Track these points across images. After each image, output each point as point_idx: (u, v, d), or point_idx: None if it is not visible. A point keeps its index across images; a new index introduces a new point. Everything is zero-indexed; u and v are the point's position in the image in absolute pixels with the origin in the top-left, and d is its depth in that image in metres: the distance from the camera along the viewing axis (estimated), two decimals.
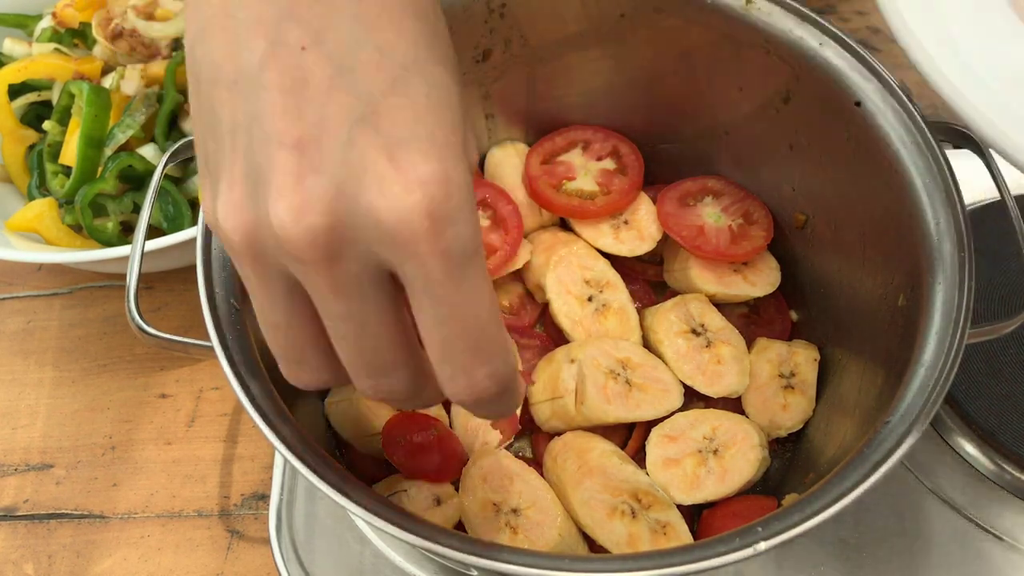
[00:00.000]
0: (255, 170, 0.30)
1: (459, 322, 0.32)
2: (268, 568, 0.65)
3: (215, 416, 0.72)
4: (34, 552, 0.66)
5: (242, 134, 0.30)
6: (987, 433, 0.61)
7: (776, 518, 0.42)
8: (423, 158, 0.30)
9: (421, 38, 0.31)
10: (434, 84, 0.31)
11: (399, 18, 0.31)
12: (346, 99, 0.29)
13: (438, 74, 0.31)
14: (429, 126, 0.30)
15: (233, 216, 0.31)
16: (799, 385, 0.60)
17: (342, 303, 0.32)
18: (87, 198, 0.72)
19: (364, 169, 0.29)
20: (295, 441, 0.44)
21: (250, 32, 0.30)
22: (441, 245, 0.30)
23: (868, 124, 0.54)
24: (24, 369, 0.75)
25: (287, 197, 0.29)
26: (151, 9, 0.79)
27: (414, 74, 0.31)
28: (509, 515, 0.54)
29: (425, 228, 0.29)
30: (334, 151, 0.29)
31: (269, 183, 0.30)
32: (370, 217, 0.30)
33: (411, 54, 0.31)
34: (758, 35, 0.57)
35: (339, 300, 0.32)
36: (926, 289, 0.49)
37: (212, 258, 0.49)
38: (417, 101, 0.30)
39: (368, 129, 0.29)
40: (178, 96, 0.76)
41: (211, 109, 0.31)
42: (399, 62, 0.30)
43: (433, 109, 0.31)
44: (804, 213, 0.63)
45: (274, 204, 0.30)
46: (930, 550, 0.59)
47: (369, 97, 0.30)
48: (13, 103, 0.78)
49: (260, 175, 0.30)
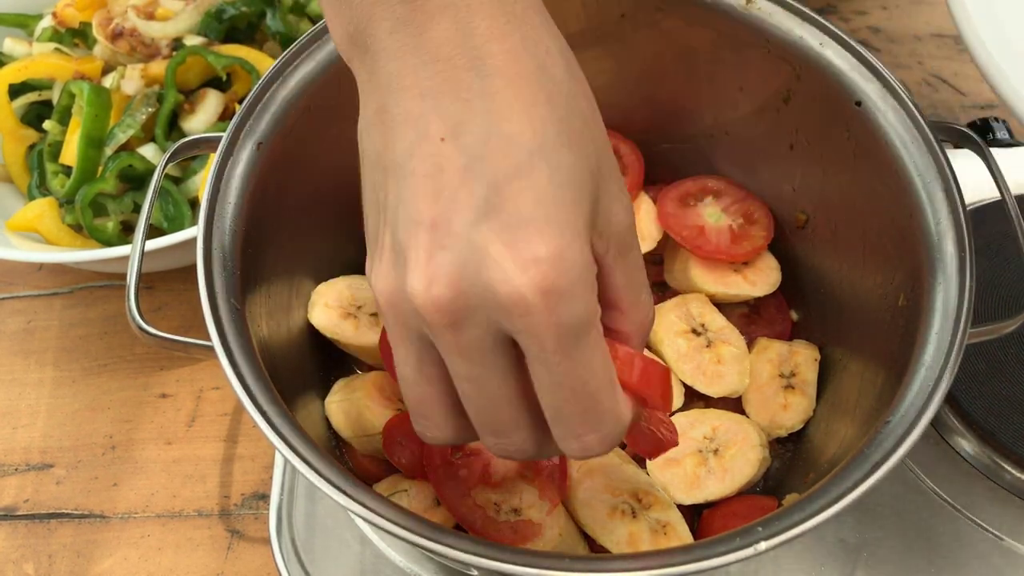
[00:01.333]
0: (399, 244, 0.35)
1: (570, 390, 0.35)
2: (268, 568, 0.65)
3: (215, 416, 0.72)
4: (34, 552, 0.66)
5: (391, 212, 0.35)
6: (987, 433, 0.61)
7: (777, 518, 0.41)
8: (539, 238, 0.33)
9: (549, 123, 0.34)
10: (557, 167, 0.34)
11: (528, 106, 0.34)
12: (475, 185, 0.33)
13: (563, 156, 0.34)
14: (548, 208, 0.33)
15: (381, 282, 0.36)
16: (799, 385, 0.60)
17: (466, 364, 0.36)
18: (87, 198, 0.72)
19: (486, 248, 0.33)
20: (295, 441, 0.44)
21: (401, 125, 0.35)
22: (553, 319, 0.33)
23: (869, 124, 0.54)
24: (24, 369, 0.75)
25: (419, 269, 0.34)
26: (151, 9, 0.79)
27: (538, 159, 0.34)
28: (509, 515, 0.54)
29: (538, 304, 0.33)
30: (462, 231, 0.33)
31: (408, 256, 0.34)
32: (489, 292, 0.33)
33: (537, 140, 0.34)
34: (759, 35, 0.57)
35: (463, 361, 0.36)
36: (927, 289, 0.49)
37: (212, 258, 0.49)
38: (539, 184, 0.33)
39: (493, 212, 0.33)
40: (178, 96, 0.76)
41: (373, 189, 0.37)
42: (525, 149, 0.34)
43: (554, 191, 0.34)
44: (804, 213, 0.63)
45: (410, 275, 0.34)
46: (930, 550, 0.59)
47: (495, 183, 0.33)
48: (13, 103, 0.78)
49: (402, 249, 0.35)
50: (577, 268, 0.34)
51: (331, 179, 0.62)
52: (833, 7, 0.97)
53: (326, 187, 0.61)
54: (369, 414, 0.57)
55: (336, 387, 0.61)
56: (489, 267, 0.33)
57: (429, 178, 0.34)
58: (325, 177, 0.61)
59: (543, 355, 0.34)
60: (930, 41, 0.94)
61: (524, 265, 0.33)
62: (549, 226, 0.33)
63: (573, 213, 0.34)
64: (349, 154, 0.63)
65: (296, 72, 0.55)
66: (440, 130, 0.34)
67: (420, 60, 0.34)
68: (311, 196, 0.60)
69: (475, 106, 0.34)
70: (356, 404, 0.58)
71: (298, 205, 0.58)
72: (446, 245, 0.33)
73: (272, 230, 0.55)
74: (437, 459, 0.53)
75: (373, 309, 0.61)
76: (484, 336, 0.35)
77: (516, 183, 0.33)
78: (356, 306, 0.61)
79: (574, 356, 0.34)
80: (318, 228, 0.62)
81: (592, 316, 0.35)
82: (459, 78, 0.34)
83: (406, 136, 0.34)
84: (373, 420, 0.57)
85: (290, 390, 0.52)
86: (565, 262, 0.33)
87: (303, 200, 0.59)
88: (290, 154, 0.56)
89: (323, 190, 0.61)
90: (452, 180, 0.33)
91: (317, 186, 0.60)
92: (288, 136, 0.55)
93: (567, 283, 0.33)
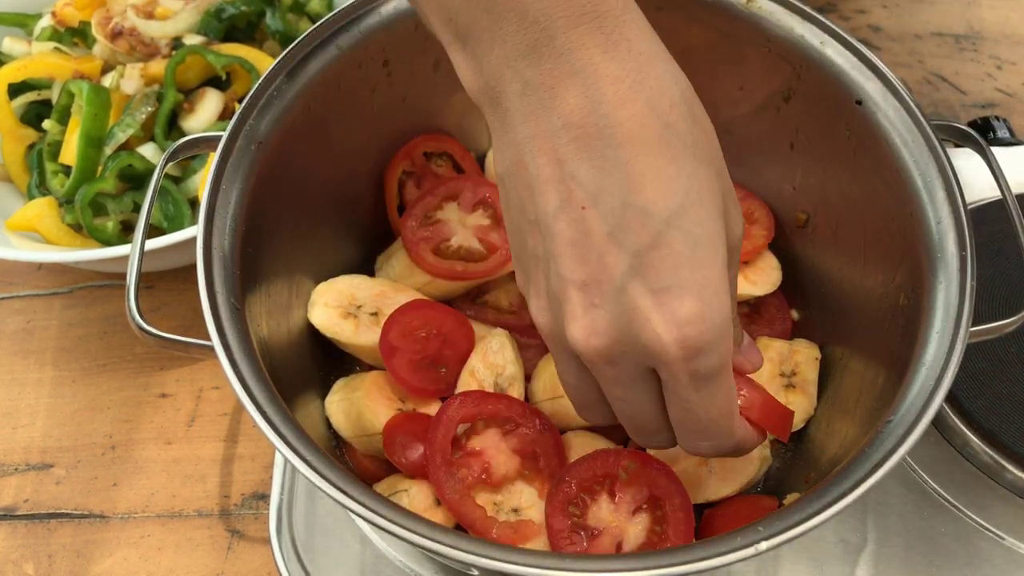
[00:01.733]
0: (553, 293, 0.40)
1: (693, 417, 0.42)
2: (268, 568, 0.65)
3: (215, 416, 0.72)
4: (34, 552, 0.66)
5: (542, 263, 0.40)
6: (988, 432, 0.61)
7: (777, 518, 0.42)
8: (680, 302, 0.38)
9: (678, 183, 0.38)
10: (690, 231, 0.38)
11: (659, 172, 0.37)
12: (619, 254, 0.38)
13: (694, 215, 0.38)
14: (687, 272, 0.38)
15: (540, 316, 0.42)
16: (800, 384, 0.60)
17: (618, 389, 0.42)
18: (87, 197, 0.72)
19: (635, 310, 0.38)
20: (295, 441, 0.44)
21: (543, 186, 0.39)
22: (690, 368, 0.39)
23: (869, 123, 0.54)
24: (24, 369, 0.75)
25: (577, 321, 0.40)
26: (151, 8, 0.78)
27: (674, 228, 0.37)
28: (509, 515, 0.54)
29: (679, 356, 0.38)
30: (611, 293, 0.38)
31: (564, 308, 0.40)
32: (639, 343, 0.39)
33: (672, 207, 0.37)
34: (759, 34, 0.57)
35: (615, 387, 0.42)
36: (927, 288, 0.49)
37: (212, 258, 0.49)
38: (677, 251, 0.38)
39: (637, 277, 0.38)
40: (178, 95, 0.76)
41: (519, 230, 0.42)
42: (662, 218, 0.37)
43: (691, 253, 0.38)
44: (805, 212, 0.63)
45: (569, 325, 0.40)
46: (930, 550, 0.59)
47: (637, 252, 0.38)
48: (13, 102, 0.78)
49: (557, 299, 0.40)
50: (716, 327, 0.38)
51: (331, 179, 0.62)
52: (833, 6, 0.97)
53: (326, 186, 0.61)
54: (369, 414, 0.57)
55: (336, 387, 0.61)
56: (640, 324, 0.38)
57: (575, 244, 0.38)
58: (325, 176, 0.61)
59: (676, 389, 0.40)
60: (931, 40, 0.94)
61: (668, 327, 0.38)
62: (690, 290, 0.38)
63: (711, 269, 0.38)
64: (349, 154, 0.63)
65: (296, 72, 0.55)
66: (581, 199, 0.38)
67: (552, 127, 0.38)
68: (311, 196, 0.60)
69: (610, 175, 0.37)
70: (356, 404, 0.58)
71: (298, 205, 0.58)
72: (598, 304, 0.39)
73: (272, 230, 0.55)
74: (437, 459, 0.53)
75: (373, 309, 0.61)
76: (633, 370, 0.41)
77: (655, 253, 0.37)
78: (356, 306, 0.61)
79: (702, 394, 0.40)
80: (318, 228, 0.62)
81: (725, 361, 0.40)
82: (592, 147, 0.37)
83: (549, 199, 0.39)
84: (373, 420, 0.57)
85: (290, 390, 0.52)
86: (705, 322, 0.38)
87: (303, 200, 0.59)
88: (290, 154, 0.56)
89: (323, 190, 0.61)
90: (597, 246, 0.38)
91: (317, 186, 0.60)
92: (288, 136, 0.55)
93: (707, 341, 0.38)
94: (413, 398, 0.59)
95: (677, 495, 0.52)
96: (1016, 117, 0.87)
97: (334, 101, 0.58)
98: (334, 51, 0.56)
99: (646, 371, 0.41)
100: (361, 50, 0.58)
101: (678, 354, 0.38)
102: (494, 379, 0.59)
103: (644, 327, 0.38)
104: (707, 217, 0.39)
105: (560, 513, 0.53)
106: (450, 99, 0.66)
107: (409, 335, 0.59)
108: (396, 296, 0.61)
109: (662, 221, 0.37)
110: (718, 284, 0.39)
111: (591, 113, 0.37)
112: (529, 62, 0.37)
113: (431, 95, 0.64)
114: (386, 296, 0.61)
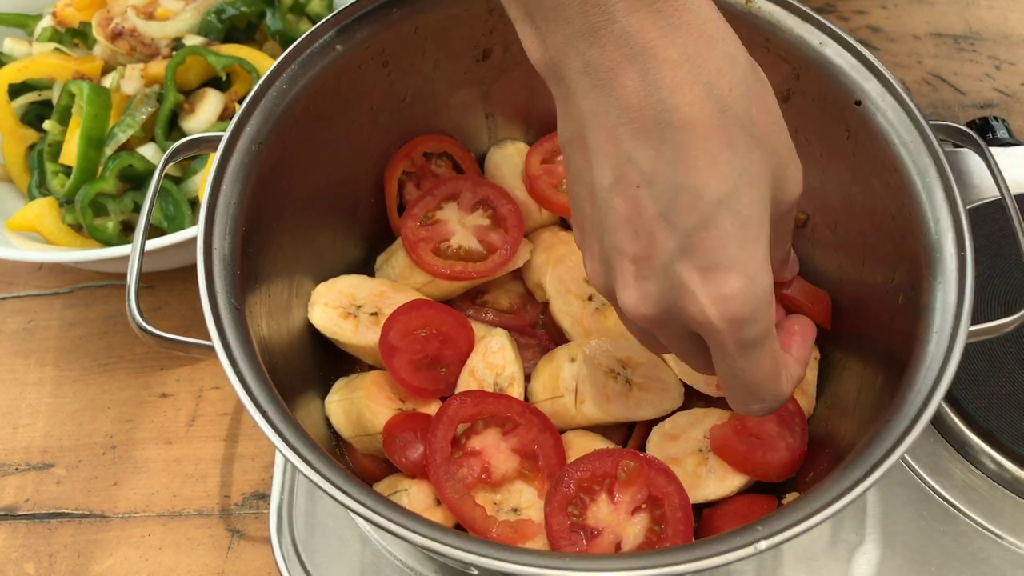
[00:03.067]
0: (606, 259, 0.43)
1: (739, 381, 0.43)
2: (269, 567, 0.65)
3: (215, 415, 0.72)
4: (35, 551, 0.66)
5: (597, 229, 0.43)
6: (987, 432, 0.61)
7: (777, 517, 0.42)
8: (727, 279, 0.39)
9: (731, 168, 0.38)
10: (739, 212, 0.39)
11: (713, 157, 0.38)
12: (669, 232, 0.39)
13: (745, 196, 0.39)
14: (733, 250, 0.39)
15: (594, 276, 0.45)
16: (800, 384, 0.60)
17: (667, 340, 0.44)
18: (87, 198, 0.73)
19: (682, 286, 0.40)
20: (295, 441, 0.44)
21: (601, 159, 0.40)
22: (735, 338, 0.40)
23: (868, 123, 0.54)
24: (25, 368, 0.75)
25: (628, 291, 0.42)
26: (151, 8, 0.79)
27: (724, 208, 0.38)
28: (509, 514, 0.54)
29: (724, 328, 0.40)
30: (660, 268, 0.40)
31: (615, 276, 0.42)
32: (685, 314, 0.41)
33: (724, 189, 0.38)
34: (758, 34, 0.57)
35: (667, 340, 0.45)
36: (926, 288, 0.49)
37: (212, 258, 0.49)
38: (725, 231, 0.39)
39: (686, 254, 0.39)
40: (178, 96, 0.76)
41: (577, 195, 0.44)
42: (713, 200, 0.38)
43: (738, 233, 0.39)
44: (804, 212, 0.63)
45: (620, 292, 0.42)
46: (930, 550, 0.59)
47: (686, 231, 0.39)
48: (13, 103, 0.78)
49: (609, 265, 0.43)
50: (759, 299, 0.40)
51: (331, 179, 0.62)
52: (832, 6, 0.97)
53: (326, 187, 0.61)
54: (369, 414, 0.57)
55: (336, 387, 0.61)
56: (686, 298, 0.40)
57: (628, 220, 0.40)
58: (325, 177, 0.61)
59: (723, 355, 0.42)
60: (929, 40, 0.94)
61: (714, 300, 0.39)
62: (735, 268, 0.39)
63: (755, 246, 0.40)
64: (349, 154, 0.63)
65: (296, 72, 0.55)
66: (636, 179, 0.39)
67: (611, 107, 0.39)
68: (311, 196, 0.60)
69: (665, 157, 0.38)
70: (356, 404, 0.58)
71: (298, 205, 0.58)
72: (647, 276, 0.41)
73: (272, 230, 0.55)
74: (437, 458, 0.53)
75: (373, 309, 0.61)
76: (680, 332, 0.43)
77: (704, 232, 0.39)
78: (356, 306, 0.61)
79: (747, 360, 0.42)
80: (318, 228, 0.62)
81: (768, 329, 0.41)
82: (649, 131, 0.38)
83: (605, 174, 0.40)
84: (373, 420, 0.57)
85: (290, 390, 0.52)
86: (748, 295, 0.39)
87: (303, 200, 0.59)
88: (290, 154, 0.56)
89: (323, 190, 0.61)
90: (648, 224, 0.39)
91: (317, 186, 0.60)
92: (288, 136, 0.55)
93: (750, 312, 0.40)
94: (413, 398, 0.59)
95: (676, 495, 0.52)
96: (1015, 117, 0.87)
97: (334, 101, 0.58)
98: (334, 52, 0.56)
99: (690, 332, 0.43)
100: (361, 50, 0.58)
101: (724, 327, 0.40)
102: (494, 379, 0.59)
103: (691, 301, 0.40)
104: (757, 198, 0.40)
105: (559, 513, 0.53)
106: (450, 99, 0.66)
107: (409, 335, 0.59)
108: (396, 296, 0.61)
109: (713, 203, 0.38)
110: (761, 259, 0.40)
111: (648, 97, 0.38)
112: (590, 43, 0.38)
113: (431, 95, 0.64)
114: (386, 296, 0.61)
